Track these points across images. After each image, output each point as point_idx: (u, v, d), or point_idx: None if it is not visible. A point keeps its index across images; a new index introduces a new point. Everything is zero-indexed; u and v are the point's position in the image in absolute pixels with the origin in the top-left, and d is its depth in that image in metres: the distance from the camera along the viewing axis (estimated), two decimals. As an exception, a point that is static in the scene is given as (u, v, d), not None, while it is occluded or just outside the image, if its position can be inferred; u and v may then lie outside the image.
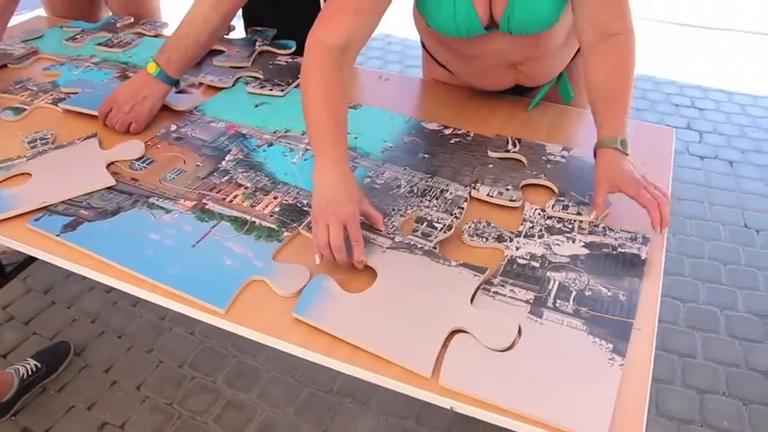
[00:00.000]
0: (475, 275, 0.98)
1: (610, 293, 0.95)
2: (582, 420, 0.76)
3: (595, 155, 1.13)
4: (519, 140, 1.32)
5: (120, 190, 1.23)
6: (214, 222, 1.14)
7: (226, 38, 1.83)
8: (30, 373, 1.80)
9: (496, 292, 0.95)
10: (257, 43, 1.80)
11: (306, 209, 1.15)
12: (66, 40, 1.89)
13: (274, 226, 1.12)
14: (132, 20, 2.02)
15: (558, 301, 0.94)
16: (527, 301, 0.94)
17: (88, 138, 1.40)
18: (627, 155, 1.10)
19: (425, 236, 1.07)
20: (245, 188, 1.22)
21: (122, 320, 2.09)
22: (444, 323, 0.90)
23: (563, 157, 1.27)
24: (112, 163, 1.32)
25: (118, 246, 1.09)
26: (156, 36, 1.92)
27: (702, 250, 2.32)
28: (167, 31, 1.92)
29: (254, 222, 1.13)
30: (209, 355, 1.96)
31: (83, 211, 1.18)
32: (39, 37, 1.92)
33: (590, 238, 1.06)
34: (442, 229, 1.08)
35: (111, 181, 1.25)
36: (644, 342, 0.88)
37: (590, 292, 0.95)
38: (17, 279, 2.22)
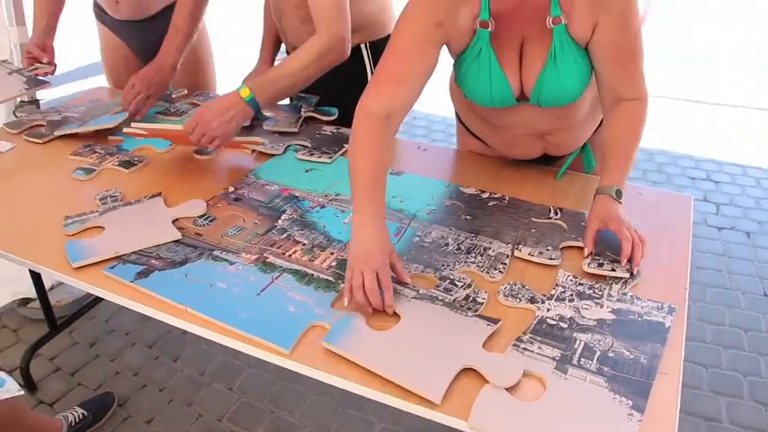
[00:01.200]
0: (488, 325, 1.07)
1: (632, 356, 1.01)
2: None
3: (594, 198, 1.27)
4: (561, 209, 1.43)
5: (186, 243, 1.34)
6: (276, 274, 1.23)
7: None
8: (77, 420, 1.86)
9: (525, 348, 1.03)
10: (302, 109, 1.94)
11: (360, 263, 1.25)
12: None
13: (331, 278, 1.22)
14: (186, 91, 2.18)
15: (583, 359, 1.01)
16: (553, 358, 1.01)
17: (154, 196, 1.52)
18: (620, 203, 1.24)
19: (447, 291, 1.17)
20: (303, 244, 1.33)
21: (164, 375, 2.16)
22: (457, 360, 0.99)
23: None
24: (177, 219, 1.43)
25: (188, 292, 1.19)
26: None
27: (723, 317, 2.37)
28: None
29: (313, 275, 1.23)
30: (247, 410, 2.02)
31: (153, 261, 1.28)
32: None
33: (617, 305, 1.14)
34: (462, 286, 1.18)
35: (177, 235, 1.37)
36: (670, 396, 0.96)
37: (613, 354, 1.02)
38: (64, 332, 2.30)
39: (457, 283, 1.18)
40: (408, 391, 0.96)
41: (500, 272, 1.22)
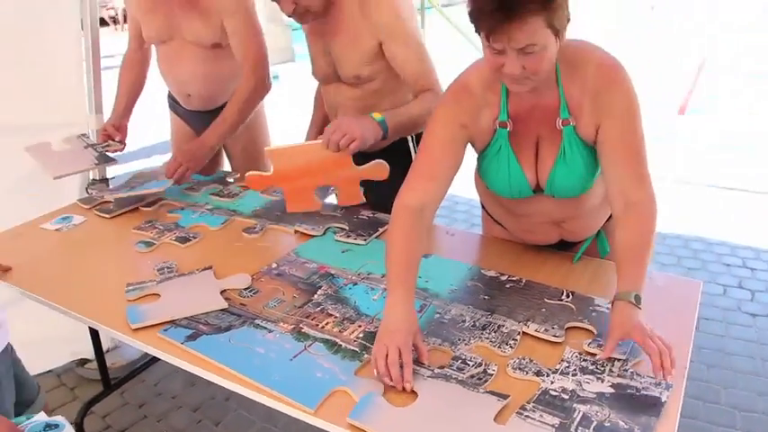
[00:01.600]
0: (498, 400, 1.18)
1: (627, 426, 1.10)
2: None
3: (612, 304, 1.33)
4: (572, 293, 1.54)
5: (232, 312, 1.51)
6: (309, 342, 1.38)
7: None
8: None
9: (527, 416, 1.14)
10: (331, 189, 2.07)
11: (384, 336, 1.39)
12: (186, 189, 2.27)
13: (357, 349, 1.36)
14: (239, 175, 2.40)
15: (580, 428, 1.11)
16: (553, 425, 1.11)
17: (205, 269, 1.70)
18: (639, 308, 1.27)
19: (459, 369, 1.28)
20: (335, 317, 1.47)
21: (205, 438, 2.30)
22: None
23: (607, 308, 1.47)
24: (225, 290, 1.60)
25: (231, 355, 1.35)
26: (262, 192, 2.26)
27: (756, 405, 2.39)
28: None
29: (342, 345, 1.37)
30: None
31: (202, 326, 1.45)
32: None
33: (618, 380, 1.23)
34: (473, 365, 1.29)
35: (224, 304, 1.53)
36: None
37: (609, 424, 1.11)
38: (117, 392, 2.47)
39: (468, 362, 1.30)
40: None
41: (510, 347, 1.34)
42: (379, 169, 1.87)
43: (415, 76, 1.88)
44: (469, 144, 1.56)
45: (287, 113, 2.63)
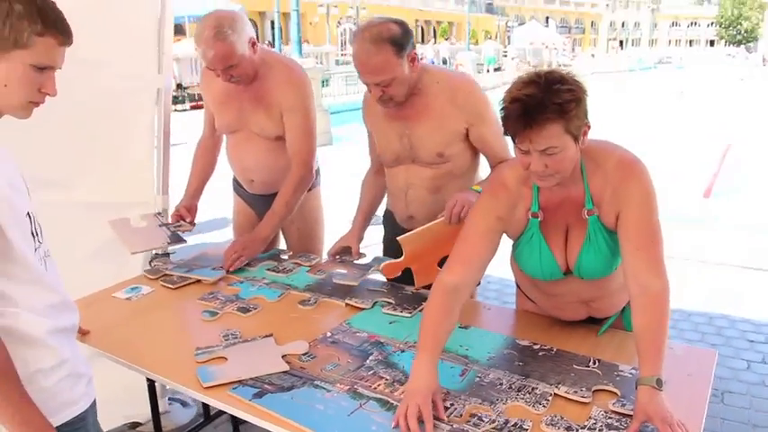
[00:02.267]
0: None
1: None
2: None
3: (636, 387, 1.45)
4: (599, 360, 1.71)
5: (293, 374, 1.69)
6: (363, 401, 1.56)
7: (349, 260, 2.43)
8: None
9: None
10: (371, 268, 2.32)
11: (430, 396, 1.56)
12: (244, 264, 2.49)
13: (407, 406, 1.53)
14: (291, 253, 2.63)
15: None
16: None
17: (266, 336, 1.90)
18: (660, 390, 1.41)
19: (476, 425, 1.45)
20: (386, 380, 1.65)
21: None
22: None
23: (630, 373, 1.63)
24: (285, 355, 1.79)
25: (294, 410, 1.53)
26: (310, 266, 2.48)
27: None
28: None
29: (393, 403, 1.54)
30: None
31: (267, 386, 1.63)
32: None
33: None
34: (488, 421, 1.46)
35: (285, 367, 1.72)
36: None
37: None
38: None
39: (484, 419, 1.47)
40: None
41: (543, 406, 1.50)
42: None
43: (497, 152, 2.20)
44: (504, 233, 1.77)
45: (329, 191, 2.86)
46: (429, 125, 2.15)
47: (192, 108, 15.32)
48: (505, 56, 33.68)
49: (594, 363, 1.70)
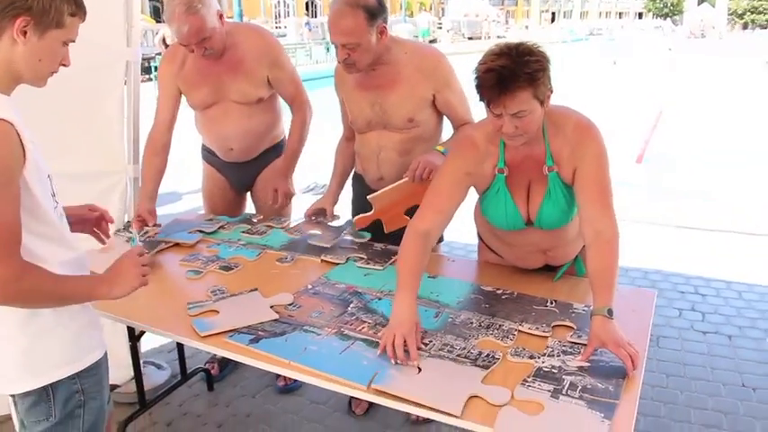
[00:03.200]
0: (482, 370, 1.57)
1: (602, 386, 1.50)
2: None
3: (591, 317, 1.66)
4: (555, 300, 1.93)
5: (282, 321, 1.85)
6: (351, 341, 1.73)
7: (324, 221, 2.60)
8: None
9: (529, 385, 1.52)
10: (344, 232, 2.49)
11: (410, 335, 1.75)
12: (218, 228, 2.62)
13: (390, 344, 1.72)
14: (262, 217, 2.77)
15: (570, 391, 1.49)
16: (548, 391, 1.49)
17: (252, 291, 2.05)
18: (612, 319, 1.62)
19: (449, 352, 1.66)
20: (369, 323, 1.83)
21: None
22: (464, 391, 1.49)
23: (584, 310, 1.86)
24: (273, 306, 1.95)
25: (290, 351, 1.69)
26: (282, 228, 2.63)
27: (707, 403, 2.80)
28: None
29: (379, 342, 1.72)
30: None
31: (260, 333, 1.79)
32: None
33: (591, 357, 1.62)
34: (459, 349, 1.67)
35: (275, 315, 1.88)
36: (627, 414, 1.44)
37: (590, 386, 1.51)
38: (146, 413, 2.72)
39: (456, 347, 1.69)
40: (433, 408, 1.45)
41: (510, 339, 1.72)
42: None
43: (461, 115, 2.40)
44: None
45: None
46: (400, 93, 2.31)
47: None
48: (440, 28, 33.79)
49: (551, 303, 1.92)
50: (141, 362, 3.06)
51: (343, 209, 2.69)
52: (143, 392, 2.67)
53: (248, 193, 3.00)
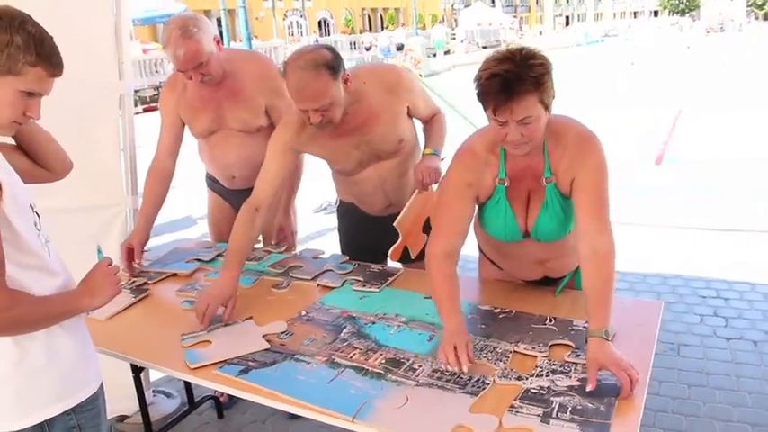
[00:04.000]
0: (471, 397, 1.52)
1: (593, 407, 1.44)
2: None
3: (586, 340, 1.60)
4: (554, 318, 1.87)
5: (273, 350, 1.82)
6: (341, 369, 1.69)
7: (307, 256, 2.56)
8: None
9: (517, 411, 1.46)
10: (326, 265, 2.42)
11: (402, 361, 1.70)
12: (216, 256, 2.60)
13: (381, 371, 1.67)
14: (261, 242, 2.74)
15: (560, 413, 1.44)
16: (537, 415, 1.44)
17: (246, 319, 2.02)
18: (608, 340, 1.56)
19: (438, 378, 1.62)
20: (360, 349, 1.79)
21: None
22: (449, 421, 1.44)
23: (584, 327, 1.78)
24: (265, 335, 1.91)
25: (278, 382, 1.65)
26: (279, 253, 2.60)
27: (732, 414, 2.68)
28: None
29: (368, 369, 1.68)
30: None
31: (251, 363, 1.76)
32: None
33: (582, 375, 1.56)
34: (449, 373, 1.63)
35: (266, 345, 1.85)
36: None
37: (580, 407, 1.45)
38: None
39: (445, 373, 1.64)
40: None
41: (503, 362, 1.66)
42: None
43: (429, 111, 2.43)
44: None
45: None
46: (383, 121, 2.24)
47: (145, 111, 15.19)
48: (454, 38, 33.70)
49: (551, 320, 1.86)
50: (151, 391, 3.06)
51: (327, 243, 2.65)
52: (149, 423, 2.64)
53: None
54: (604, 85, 15.57)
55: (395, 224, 2.26)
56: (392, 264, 2.45)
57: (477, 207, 1.96)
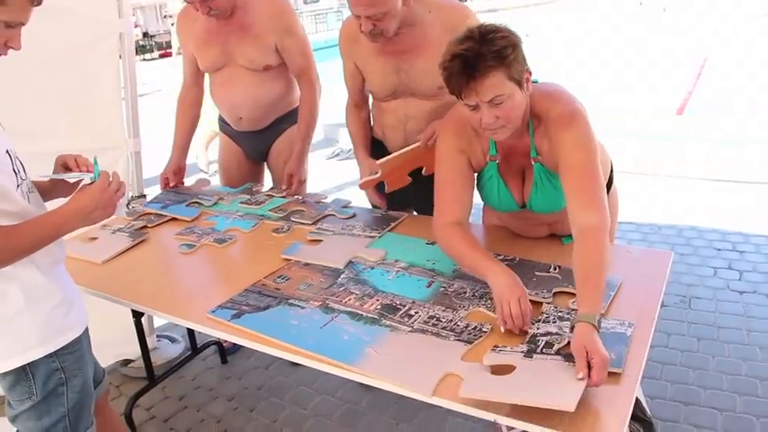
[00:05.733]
0: (465, 345, 1.47)
1: None
2: (559, 401, 1.19)
3: (572, 327, 1.40)
4: (560, 266, 1.80)
5: (268, 294, 1.78)
6: (335, 314, 1.65)
7: (309, 200, 2.50)
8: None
9: (501, 350, 1.43)
10: (328, 209, 2.37)
11: (398, 307, 1.65)
12: (218, 199, 2.55)
13: (376, 317, 1.62)
14: (262, 186, 2.68)
15: (545, 349, 1.41)
16: (521, 352, 1.40)
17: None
18: (597, 329, 1.35)
19: (434, 326, 1.56)
20: (356, 294, 1.74)
21: (242, 422, 2.54)
22: (439, 369, 1.39)
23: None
24: (260, 280, 1.87)
25: (271, 327, 1.61)
26: (283, 197, 2.55)
27: (740, 369, 2.62)
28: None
29: (363, 315, 1.63)
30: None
31: (244, 307, 1.72)
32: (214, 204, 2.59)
33: None
34: (445, 321, 1.56)
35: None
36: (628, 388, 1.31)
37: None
38: (158, 387, 2.72)
39: (441, 320, 1.59)
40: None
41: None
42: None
43: None
44: None
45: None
46: (428, 58, 2.08)
47: (161, 56, 15.04)
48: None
49: (555, 269, 1.79)
50: (155, 336, 3.07)
51: (332, 187, 2.58)
52: (151, 367, 2.65)
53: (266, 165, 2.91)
54: (614, 30, 15.04)
55: (378, 162, 2.21)
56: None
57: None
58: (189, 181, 2.84)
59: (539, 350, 1.39)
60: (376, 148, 2.46)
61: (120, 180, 1.55)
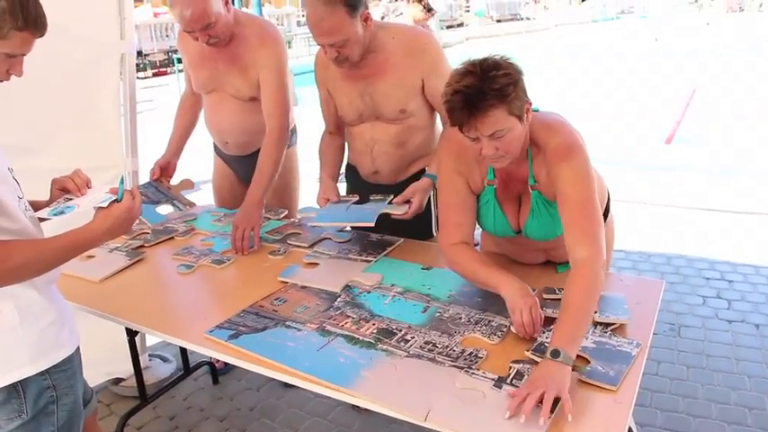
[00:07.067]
0: (460, 370, 1.49)
1: (603, 370, 1.44)
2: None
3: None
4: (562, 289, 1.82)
5: (265, 316, 1.80)
6: (332, 337, 1.66)
7: (305, 224, 2.51)
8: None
9: (473, 373, 1.45)
10: (324, 233, 2.38)
11: (395, 331, 1.67)
12: (214, 221, 2.57)
13: (372, 341, 1.64)
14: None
15: (515, 380, 1.44)
16: (492, 379, 1.38)
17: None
18: (568, 366, 1.37)
19: (430, 351, 1.58)
20: (352, 318, 1.76)
21: (232, 445, 2.56)
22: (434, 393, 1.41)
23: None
24: (257, 301, 1.89)
25: (268, 348, 1.63)
26: (278, 220, 2.57)
27: (729, 397, 2.65)
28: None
29: (359, 338, 1.65)
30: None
31: (241, 327, 1.74)
32: (194, 219, 2.62)
33: (598, 338, 1.56)
34: (441, 347, 1.58)
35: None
36: (622, 411, 1.34)
37: (589, 368, 1.45)
38: (149, 407, 2.70)
39: (437, 345, 1.60)
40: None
41: (498, 337, 1.62)
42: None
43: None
44: None
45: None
46: (389, 82, 2.19)
47: (155, 75, 15.08)
48: (467, 11, 32.88)
49: (560, 291, 1.81)
50: (147, 355, 3.06)
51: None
52: (143, 386, 2.64)
53: None
54: (628, 64, 15.30)
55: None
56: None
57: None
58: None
59: (509, 380, 1.44)
60: (351, 174, 2.55)
61: (140, 198, 1.59)
